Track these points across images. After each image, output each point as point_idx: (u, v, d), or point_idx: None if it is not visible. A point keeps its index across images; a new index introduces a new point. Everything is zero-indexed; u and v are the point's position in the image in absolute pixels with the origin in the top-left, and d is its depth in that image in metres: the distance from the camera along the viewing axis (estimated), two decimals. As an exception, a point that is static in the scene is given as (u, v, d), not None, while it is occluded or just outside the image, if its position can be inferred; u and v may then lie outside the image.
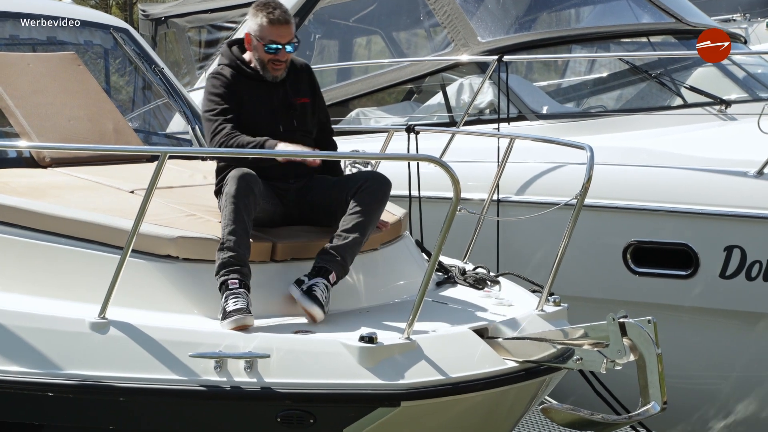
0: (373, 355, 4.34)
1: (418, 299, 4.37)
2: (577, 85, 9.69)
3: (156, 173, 4.47)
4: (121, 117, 6.72)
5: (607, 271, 7.23)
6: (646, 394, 4.32)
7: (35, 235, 5.05)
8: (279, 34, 5.24)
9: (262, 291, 4.90)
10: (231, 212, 4.75)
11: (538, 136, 6.87)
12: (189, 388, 4.40)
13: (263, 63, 5.28)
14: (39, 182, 5.66)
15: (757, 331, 6.93)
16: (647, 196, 7.10)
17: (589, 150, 5.10)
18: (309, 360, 4.38)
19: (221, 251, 4.70)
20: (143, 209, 4.47)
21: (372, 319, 4.86)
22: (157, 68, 7.54)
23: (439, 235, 4.33)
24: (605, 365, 4.36)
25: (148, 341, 4.50)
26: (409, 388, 4.31)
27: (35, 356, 4.61)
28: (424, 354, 4.41)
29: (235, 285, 4.63)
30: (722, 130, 7.96)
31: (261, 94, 5.31)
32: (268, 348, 4.39)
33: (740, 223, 6.76)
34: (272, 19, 5.23)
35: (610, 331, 4.33)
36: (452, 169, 4.24)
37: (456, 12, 8.84)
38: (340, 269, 4.87)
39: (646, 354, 4.31)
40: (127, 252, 4.50)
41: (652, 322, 4.33)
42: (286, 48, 5.26)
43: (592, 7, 9.67)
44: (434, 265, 4.38)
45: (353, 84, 9.56)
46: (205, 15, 11.51)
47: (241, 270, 4.68)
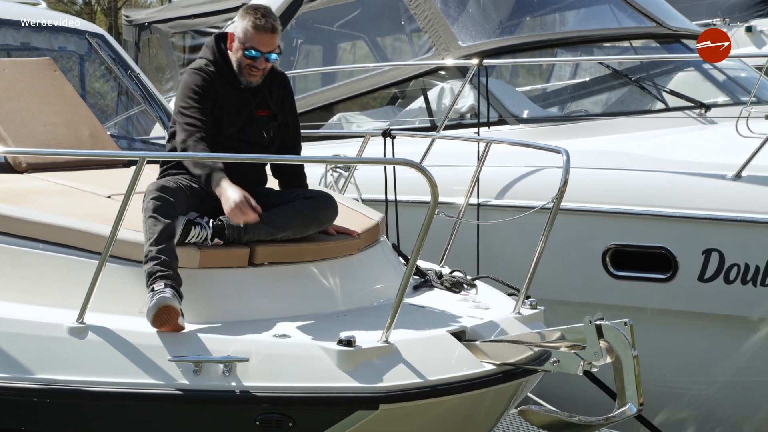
0: (351, 358, 4.35)
1: (396, 303, 4.38)
2: (559, 90, 9.73)
3: (134, 178, 4.46)
4: (97, 122, 6.70)
5: (586, 274, 7.24)
6: (622, 395, 4.35)
7: (12, 240, 5.03)
8: (262, 41, 5.19)
9: (241, 296, 4.91)
10: (151, 225, 4.73)
11: (515, 141, 6.89)
12: (168, 392, 4.39)
13: (240, 66, 5.25)
14: (16, 187, 5.63)
15: (736, 335, 6.94)
16: (626, 199, 7.11)
17: (565, 154, 5.13)
18: (288, 363, 4.38)
19: (146, 263, 4.67)
20: (121, 214, 4.47)
21: (349, 322, 4.86)
22: (133, 73, 7.52)
23: (417, 239, 4.34)
24: (582, 367, 4.38)
25: (127, 346, 4.50)
26: (388, 390, 4.32)
27: (13, 361, 4.60)
28: (402, 357, 4.43)
29: (161, 287, 4.58)
30: (701, 133, 7.99)
31: (235, 100, 5.28)
32: (246, 352, 4.39)
33: (719, 226, 6.78)
34: (258, 25, 5.18)
35: (586, 334, 4.36)
36: (430, 173, 4.25)
37: (437, 17, 8.86)
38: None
39: (623, 356, 4.33)
40: (105, 257, 4.49)
41: (628, 325, 4.36)
42: (267, 56, 5.22)
43: (573, 11, 9.73)
44: (412, 269, 4.39)
45: (336, 89, 9.55)
46: (188, 20, 11.53)
47: (168, 275, 4.64)
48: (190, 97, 5.17)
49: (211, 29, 11.09)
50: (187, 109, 5.15)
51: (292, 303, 5.03)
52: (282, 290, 5.05)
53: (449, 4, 9.04)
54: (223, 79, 5.27)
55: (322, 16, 10.05)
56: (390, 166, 6.83)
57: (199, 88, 5.19)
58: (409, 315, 4.97)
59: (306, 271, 5.16)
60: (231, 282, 4.95)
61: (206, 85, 5.21)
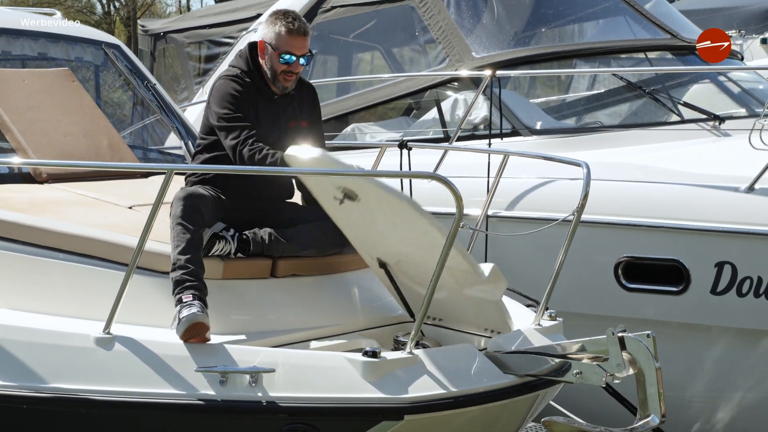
0: (376, 369, 4.38)
1: (420, 315, 4.42)
2: (574, 101, 9.72)
3: (161, 191, 4.49)
4: (115, 133, 6.75)
5: (598, 286, 7.23)
6: (645, 407, 4.37)
7: (37, 251, 5.08)
8: (296, 45, 5.22)
9: (263, 307, 4.96)
10: (179, 233, 4.77)
11: (535, 153, 6.89)
12: (194, 403, 4.42)
13: (275, 73, 5.26)
14: (37, 198, 5.68)
15: (749, 348, 6.93)
16: (639, 211, 7.09)
17: (586, 166, 5.15)
18: (313, 374, 4.41)
19: (174, 271, 4.72)
20: (149, 226, 4.49)
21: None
22: (150, 84, 7.56)
23: (441, 252, 4.37)
24: (605, 379, 4.41)
25: (153, 356, 4.53)
26: (413, 401, 4.35)
27: (40, 371, 4.62)
28: (426, 368, 4.46)
29: (189, 299, 4.63)
30: (715, 146, 7.97)
31: (270, 109, 5.30)
32: (272, 363, 4.42)
33: (731, 238, 6.76)
34: (291, 29, 5.21)
35: (609, 345, 4.38)
36: (454, 186, 4.28)
37: (451, 28, 8.88)
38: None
39: (646, 368, 4.36)
40: (132, 268, 4.52)
41: (651, 337, 4.38)
42: (300, 60, 5.26)
43: (588, 23, 9.71)
44: (436, 281, 4.41)
45: (350, 99, 9.57)
46: (203, 30, 11.54)
47: (195, 285, 4.69)
48: (230, 102, 5.18)
49: (226, 39, 11.13)
50: (230, 113, 5.15)
51: (313, 314, 5.10)
52: (304, 302, 5.12)
53: (463, 16, 9.05)
54: (257, 90, 5.29)
55: (337, 27, 10.06)
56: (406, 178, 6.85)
57: (237, 92, 5.20)
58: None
59: (327, 283, 5.24)
60: (253, 293, 5.02)
61: (244, 91, 5.22)
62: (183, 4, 42.09)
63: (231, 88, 5.22)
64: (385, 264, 5.00)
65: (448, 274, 4.69)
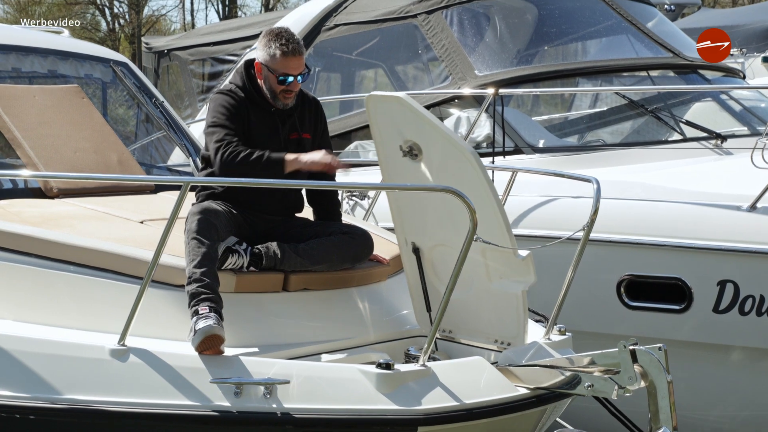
0: (390, 381, 4.43)
1: (434, 328, 4.47)
2: (576, 119, 9.75)
3: (178, 203, 4.54)
4: (124, 149, 6.80)
5: (600, 304, 7.24)
6: (656, 419, 4.43)
7: (51, 264, 5.10)
8: (291, 66, 5.28)
9: (276, 320, 5.01)
10: (194, 247, 4.82)
11: (545, 170, 6.91)
12: (209, 414, 4.46)
13: (274, 93, 5.32)
14: (49, 212, 5.71)
15: (751, 367, 6.95)
16: (641, 230, 7.10)
17: (596, 183, 5.21)
18: (328, 386, 4.46)
19: (189, 285, 4.76)
20: (164, 240, 4.53)
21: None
22: (157, 101, 7.61)
23: (455, 265, 4.42)
24: (616, 391, 4.46)
25: (168, 368, 4.57)
26: (426, 413, 4.40)
27: (55, 383, 4.66)
28: (439, 380, 4.52)
29: (205, 311, 4.67)
30: (717, 164, 7.98)
31: (268, 124, 5.35)
32: (287, 374, 4.46)
33: (733, 257, 6.77)
34: (286, 51, 5.26)
35: (621, 358, 4.43)
36: (469, 200, 4.34)
37: (454, 46, 8.91)
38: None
39: (657, 380, 4.41)
40: (147, 281, 4.56)
41: (662, 350, 4.44)
42: (298, 78, 5.31)
43: (590, 41, 9.73)
44: (450, 294, 4.47)
45: (353, 116, 9.58)
46: (207, 48, 11.56)
47: (211, 298, 4.73)
48: (221, 114, 5.25)
49: (230, 57, 11.15)
50: (218, 125, 5.23)
51: (325, 328, 5.15)
52: (315, 315, 5.17)
53: (466, 34, 9.08)
54: (253, 104, 5.34)
55: (340, 45, 10.08)
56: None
57: (229, 106, 5.27)
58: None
59: (338, 297, 5.28)
60: (265, 307, 5.06)
61: (237, 105, 5.28)
62: (188, 22, 42.22)
63: (222, 101, 5.30)
64: (419, 250, 5.09)
65: (482, 262, 4.76)
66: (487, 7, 9.36)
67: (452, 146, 4.77)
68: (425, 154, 4.87)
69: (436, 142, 4.82)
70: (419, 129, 4.86)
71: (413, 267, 5.19)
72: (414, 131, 4.89)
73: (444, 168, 4.86)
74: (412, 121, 4.87)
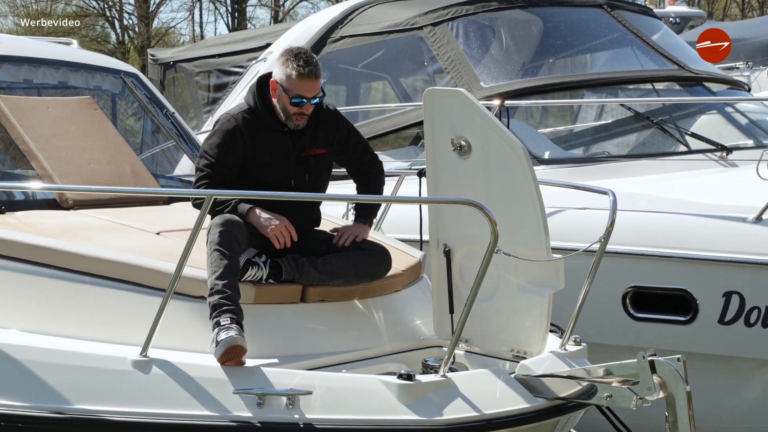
0: (411, 392, 4.48)
1: (454, 338, 4.52)
2: (582, 132, 9.78)
3: (201, 216, 4.58)
4: (137, 160, 6.83)
5: (606, 316, 7.23)
6: (675, 428, 4.48)
7: (70, 276, 5.13)
8: (307, 88, 5.25)
9: (294, 331, 5.05)
10: (216, 258, 4.86)
11: (561, 182, 6.92)
12: (232, 425, 4.49)
13: (287, 113, 5.31)
14: (66, 223, 5.74)
15: (757, 378, 6.98)
16: (646, 241, 7.10)
17: (612, 195, 5.25)
18: (349, 397, 4.51)
19: (211, 296, 4.80)
20: (188, 251, 4.58)
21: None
22: (168, 112, 7.65)
23: (476, 277, 4.48)
24: (635, 402, 4.51)
25: (190, 379, 4.61)
26: (447, 424, 4.45)
27: (77, 394, 4.70)
28: (459, 391, 4.57)
29: (227, 322, 4.71)
30: (722, 176, 8.02)
31: (277, 142, 5.36)
32: (309, 385, 4.51)
33: (739, 268, 6.79)
34: (302, 73, 5.22)
35: (640, 369, 4.48)
36: (490, 212, 4.39)
37: (459, 58, 8.93)
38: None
39: (676, 391, 4.47)
40: (169, 292, 4.60)
41: (681, 360, 4.49)
42: (312, 101, 5.29)
43: (596, 53, 9.75)
44: (470, 306, 4.52)
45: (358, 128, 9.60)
46: (212, 60, 11.57)
47: (233, 309, 4.77)
48: (215, 144, 5.29)
49: (235, 68, 11.17)
50: (209, 152, 5.29)
51: (343, 339, 5.20)
52: (333, 327, 5.23)
53: (472, 46, 9.09)
54: (263, 124, 5.35)
55: (346, 57, 10.07)
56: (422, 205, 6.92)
57: (228, 136, 5.30)
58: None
59: (356, 309, 5.34)
60: (284, 318, 5.11)
61: (236, 133, 5.30)
62: (197, 34, 42.22)
63: (225, 128, 5.32)
64: (449, 252, 5.17)
65: (511, 262, 4.87)
66: (493, 19, 9.37)
67: (504, 142, 4.85)
68: (474, 151, 4.94)
69: (489, 137, 4.90)
70: (474, 124, 4.93)
71: (441, 269, 5.24)
72: (468, 127, 4.96)
73: (491, 165, 4.93)
74: (467, 116, 4.94)
